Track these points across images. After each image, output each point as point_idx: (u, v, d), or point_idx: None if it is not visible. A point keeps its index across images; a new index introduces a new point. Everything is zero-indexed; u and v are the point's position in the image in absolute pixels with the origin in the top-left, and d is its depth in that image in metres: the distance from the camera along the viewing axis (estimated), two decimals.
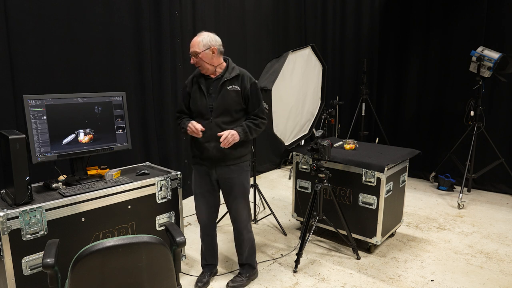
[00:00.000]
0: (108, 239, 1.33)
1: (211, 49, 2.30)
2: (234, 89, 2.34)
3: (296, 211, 3.48)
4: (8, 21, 2.85)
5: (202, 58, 2.30)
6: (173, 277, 1.51)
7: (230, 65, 2.41)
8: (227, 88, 2.34)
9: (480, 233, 3.48)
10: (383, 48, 5.59)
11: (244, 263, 2.64)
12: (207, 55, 2.30)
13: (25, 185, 1.94)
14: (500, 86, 4.50)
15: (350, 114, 5.90)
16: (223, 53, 2.42)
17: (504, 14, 4.37)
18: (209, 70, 2.36)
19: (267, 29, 5.45)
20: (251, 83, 2.39)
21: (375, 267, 2.86)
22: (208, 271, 2.67)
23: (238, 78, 2.37)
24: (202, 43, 2.29)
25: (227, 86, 2.34)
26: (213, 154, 2.34)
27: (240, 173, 2.42)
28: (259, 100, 2.42)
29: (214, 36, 2.35)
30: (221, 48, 2.37)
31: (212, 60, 2.33)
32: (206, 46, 2.30)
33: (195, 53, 2.30)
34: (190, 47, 2.33)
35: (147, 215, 2.42)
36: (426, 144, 5.18)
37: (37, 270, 1.96)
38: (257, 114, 2.41)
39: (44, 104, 2.19)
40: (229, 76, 2.35)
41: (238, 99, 2.35)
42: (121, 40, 3.61)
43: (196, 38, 2.33)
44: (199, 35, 2.33)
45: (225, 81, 2.34)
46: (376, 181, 2.88)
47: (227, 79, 2.34)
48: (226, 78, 2.34)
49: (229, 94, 2.33)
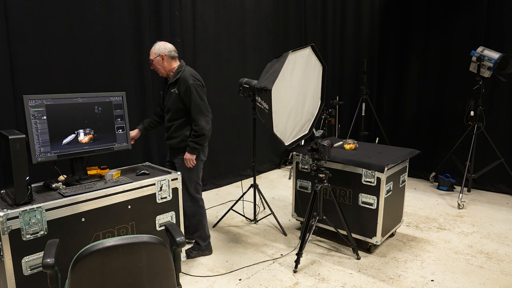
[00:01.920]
0: (108, 239, 1.33)
1: (160, 55, 2.69)
2: (174, 92, 2.71)
3: (296, 211, 3.48)
4: (8, 21, 2.86)
5: (155, 64, 2.72)
6: (173, 277, 1.51)
7: (177, 70, 2.73)
8: (170, 90, 2.73)
9: (480, 233, 3.48)
10: (383, 48, 5.59)
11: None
12: (158, 61, 2.71)
13: (25, 185, 1.93)
14: (500, 86, 4.50)
15: (350, 114, 5.90)
16: (175, 58, 2.76)
17: (504, 14, 4.37)
18: (163, 74, 2.77)
19: (267, 29, 5.45)
20: (186, 86, 2.65)
21: (375, 267, 2.86)
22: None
23: (177, 82, 2.69)
24: (154, 51, 2.71)
25: (170, 89, 2.73)
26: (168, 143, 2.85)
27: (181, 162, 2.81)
28: (192, 100, 2.67)
29: (165, 44, 2.71)
30: (171, 54, 2.72)
31: (163, 65, 2.71)
32: (157, 54, 2.69)
33: (150, 61, 2.74)
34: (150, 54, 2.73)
35: (147, 215, 2.42)
36: (426, 144, 5.18)
37: (37, 270, 1.96)
38: (193, 116, 2.69)
39: (44, 104, 2.18)
40: (172, 80, 2.71)
41: (176, 101, 2.70)
42: (121, 40, 3.61)
43: (153, 46, 2.73)
44: (156, 44, 2.73)
45: (170, 84, 2.73)
46: (376, 181, 2.88)
47: (170, 82, 2.72)
48: (170, 81, 2.72)
49: (171, 96, 2.73)
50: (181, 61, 2.79)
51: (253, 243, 3.29)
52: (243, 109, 5.21)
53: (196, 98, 2.66)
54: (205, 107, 2.72)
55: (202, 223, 2.97)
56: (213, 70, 4.72)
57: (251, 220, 3.78)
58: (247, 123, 5.31)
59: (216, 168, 4.94)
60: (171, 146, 2.86)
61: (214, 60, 4.72)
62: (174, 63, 2.74)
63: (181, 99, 2.68)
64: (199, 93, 2.68)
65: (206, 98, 2.78)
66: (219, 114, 4.87)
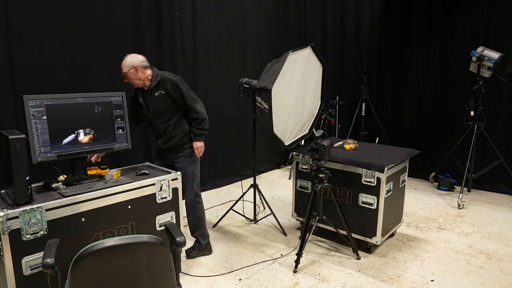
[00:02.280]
0: (108, 239, 1.33)
1: (133, 67, 2.72)
2: (160, 94, 2.76)
3: (296, 211, 3.48)
4: (8, 21, 2.86)
5: (129, 77, 2.74)
6: (173, 277, 1.51)
7: (153, 75, 2.79)
8: (155, 94, 2.77)
9: (480, 233, 3.48)
10: (383, 48, 5.59)
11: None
12: (133, 73, 2.73)
13: (25, 185, 1.93)
14: (500, 86, 4.50)
15: (350, 114, 5.90)
16: (148, 67, 2.78)
17: (504, 14, 4.37)
18: (139, 84, 2.79)
19: (267, 29, 5.45)
20: (172, 84, 2.75)
21: (375, 267, 2.86)
22: None
23: (161, 83, 2.76)
24: (126, 65, 2.73)
25: (154, 93, 2.77)
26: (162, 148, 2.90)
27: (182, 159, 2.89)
28: (183, 94, 2.76)
29: (135, 56, 2.76)
30: (143, 64, 2.75)
31: (137, 76, 2.74)
32: (130, 66, 2.72)
33: (124, 74, 2.74)
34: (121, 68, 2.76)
35: (147, 215, 2.42)
36: (426, 144, 5.18)
37: (37, 270, 1.96)
38: (192, 108, 2.79)
39: (44, 104, 2.18)
40: (153, 84, 2.76)
41: (165, 101, 2.76)
42: (121, 40, 3.61)
43: (123, 61, 2.75)
44: (126, 57, 2.75)
45: (151, 89, 2.77)
46: (376, 181, 2.88)
47: (152, 87, 2.76)
48: (151, 86, 2.77)
49: (158, 99, 2.77)
50: (153, 68, 2.84)
51: (253, 243, 3.29)
52: (243, 109, 5.21)
53: (185, 90, 2.78)
54: (195, 95, 2.85)
55: (202, 220, 3.02)
56: (213, 70, 4.72)
57: (251, 220, 3.78)
58: (247, 123, 5.31)
59: (216, 168, 4.94)
60: (171, 146, 2.85)
61: (214, 60, 4.72)
62: (147, 71, 2.78)
63: (170, 97, 2.76)
64: (185, 85, 2.81)
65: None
66: (219, 114, 4.87)
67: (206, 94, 4.65)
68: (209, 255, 3.06)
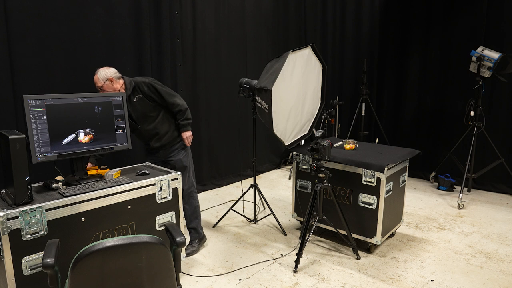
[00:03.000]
0: (108, 239, 1.33)
1: (109, 79, 2.75)
2: (138, 97, 2.83)
3: (296, 211, 3.48)
4: (8, 21, 2.86)
5: (105, 89, 2.76)
6: (173, 277, 1.51)
7: (127, 83, 2.84)
8: (133, 100, 2.83)
9: (480, 233, 3.48)
10: (383, 48, 5.59)
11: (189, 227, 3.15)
12: (108, 85, 2.76)
13: (25, 185, 1.93)
14: (500, 86, 4.50)
15: (350, 114, 5.90)
16: (120, 77, 2.82)
17: (504, 14, 4.38)
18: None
19: (267, 29, 5.46)
20: (146, 85, 2.83)
21: (375, 267, 2.86)
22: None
23: (136, 88, 2.83)
24: (100, 78, 2.75)
25: (133, 99, 2.83)
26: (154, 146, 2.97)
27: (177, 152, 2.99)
28: (160, 92, 2.84)
29: (107, 69, 2.78)
30: (117, 75, 2.80)
31: (113, 87, 2.77)
32: (104, 79, 2.74)
33: (99, 88, 2.76)
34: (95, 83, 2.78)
35: (147, 215, 2.42)
36: (426, 144, 5.18)
37: (37, 270, 1.96)
38: (172, 102, 2.87)
39: (44, 104, 2.18)
40: (129, 91, 2.82)
41: (145, 103, 2.84)
42: (121, 40, 3.61)
43: (95, 76, 2.77)
44: (96, 73, 2.77)
45: (129, 96, 2.81)
46: (376, 181, 2.88)
47: (129, 94, 2.82)
48: (128, 94, 2.81)
49: (137, 103, 2.83)
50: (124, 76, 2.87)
51: (253, 243, 3.29)
52: (243, 109, 5.21)
53: (161, 88, 2.86)
54: (171, 90, 2.94)
55: (199, 208, 3.15)
56: (213, 70, 4.72)
57: (251, 220, 3.78)
58: (247, 123, 5.31)
59: (216, 168, 4.94)
60: (165, 143, 2.96)
61: (214, 60, 4.72)
62: (121, 81, 2.83)
63: (149, 98, 2.85)
64: (159, 84, 2.89)
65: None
66: (219, 114, 4.87)
67: (206, 94, 4.65)
68: (209, 255, 3.06)
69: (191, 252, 3.07)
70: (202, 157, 4.70)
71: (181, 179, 2.62)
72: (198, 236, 3.15)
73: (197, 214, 3.12)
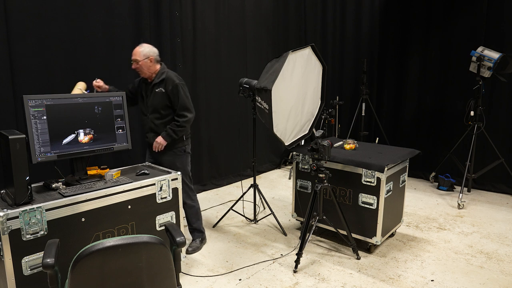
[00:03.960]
0: (108, 239, 1.33)
1: (149, 58, 2.77)
2: (160, 91, 2.82)
3: (296, 211, 3.48)
4: (8, 21, 2.85)
5: (141, 65, 2.77)
6: (173, 277, 1.51)
7: (160, 71, 2.84)
8: (155, 90, 2.83)
9: (480, 233, 3.48)
10: (383, 48, 5.59)
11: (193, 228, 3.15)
12: (146, 63, 2.77)
13: (25, 185, 1.93)
14: (500, 86, 4.50)
15: (350, 114, 5.90)
16: (159, 61, 2.85)
17: (504, 14, 4.37)
18: (147, 75, 2.84)
19: (267, 29, 5.46)
20: (173, 85, 2.80)
21: (375, 267, 2.86)
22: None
23: (163, 81, 2.82)
24: (142, 53, 2.75)
25: (155, 88, 2.83)
26: (151, 142, 2.92)
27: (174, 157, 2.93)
28: (179, 98, 2.81)
29: (153, 48, 2.81)
30: (157, 58, 2.82)
31: (149, 67, 2.80)
32: (146, 56, 2.76)
33: (136, 61, 2.76)
34: (132, 55, 2.78)
35: (147, 215, 2.42)
36: (426, 144, 5.18)
37: (37, 270, 1.96)
38: (178, 112, 2.83)
39: (44, 104, 2.18)
40: (157, 80, 2.82)
41: (163, 99, 2.82)
42: (121, 40, 3.61)
43: (138, 47, 2.78)
44: (141, 46, 2.78)
45: (154, 84, 2.83)
46: (376, 181, 2.88)
47: (155, 82, 2.82)
48: (154, 82, 2.82)
49: (157, 95, 2.83)
50: (162, 63, 2.90)
51: (253, 243, 3.29)
52: (243, 109, 5.21)
53: (183, 96, 2.83)
54: (190, 105, 2.89)
55: (199, 210, 3.17)
56: (213, 70, 4.72)
57: (251, 220, 3.78)
58: (247, 123, 5.31)
59: (216, 168, 4.94)
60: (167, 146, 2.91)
61: (214, 60, 4.72)
62: (157, 66, 2.85)
63: (167, 97, 2.82)
64: (185, 92, 2.86)
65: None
66: (219, 114, 4.87)
67: (206, 94, 4.65)
68: (209, 255, 3.06)
69: (194, 249, 3.09)
70: (202, 157, 4.70)
71: (181, 179, 2.62)
72: (201, 235, 3.18)
73: (198, 215, 3.13)
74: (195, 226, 3.14)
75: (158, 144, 2.84)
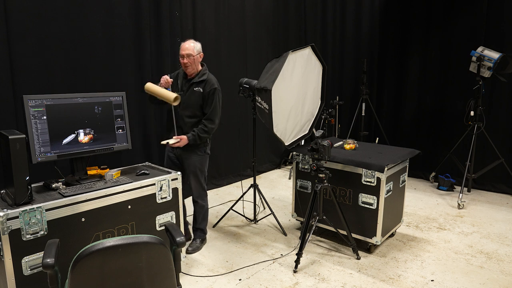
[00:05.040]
0: (108, 239, 1.33)
1: (200, 54, 2.84)
2: (198, 91, 2.85)
3: (296, 211, 3.48)
4: (8, 21, 2.85)
5: (194, 60, 2.80)
6: (173, 277, 1.51)
7: (202, 71, 2.90)
8: (194, 89, 2.86)
9: (480, 233, 3.48)
10: (383, 48, 5.59)
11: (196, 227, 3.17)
12: (197, 59, 2.83)
13: (25, 185, 1.94)
14: (500, 86, 4.50)
15: (350, 114, 5.90)
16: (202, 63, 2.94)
17: (504, 14, 4.38)
18: (190, 71, 2.86)
19: (267, 29, 5.45)
20: (211, 89, 2.84)
21: (375, 267, 2.86)
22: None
23: (204, 82, 2.86)
24: (196, 48, 2.81)
25: (194, 87, 2.86)
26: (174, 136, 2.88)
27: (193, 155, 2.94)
28: (213, 103, 2.86)
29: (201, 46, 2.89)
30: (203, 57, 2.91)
31: (196, 64, 2.85)
32: (199, 52, 2.83)
33: (190, 55, 2.78)
34: (184, 49, 2.79)
35: (147, 215, 2.42)
36: (426, 144, 5.18)
37: (37, 270, 1.96)
38: (208, 116, 2.87)
39: (44, 104, 2.18)
40: (197, 79, 2.86)
41: (199, 99, 2.86)
42: (121, 40, 3.61)
43: (189, 43, 2.80)
44: (191, 41, 2.82)
45: (193, 82, 2.86)
46: (376, 181, 2.88)
47: (195, 81, 2.86)
48: (195, 80, 2.86)
49: (194, 94, 2.85)
50: (205, 64, 2.97)
51: (253, 243, 3.29)
52: (243, 109, 5.21)
53: (216, 102, 2.88)
54: (219, 113, 2.95)
55: (208, 213, 3.21)
56: (213, 70, 4.70)
57: (251, 220, 3.78)
58: (247, 123, 5.31)
59: (216, 168, 4.94)
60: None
61: (214, 60, 4.71)
62: (200, 65, 2.93)
63: (203, 98, 2.86)
64: (220, 99, 2.92)
65: None
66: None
67: None
68: (209, 255, 3.06)
69: (194, 249, 3.10)
70: None
71: (181, 179, 2.62)
72: (203, 236, 3.19)
73: (205, 216, 3.17)
74: (200, 226, 3.16)
75: (179, 141, 2.81)
